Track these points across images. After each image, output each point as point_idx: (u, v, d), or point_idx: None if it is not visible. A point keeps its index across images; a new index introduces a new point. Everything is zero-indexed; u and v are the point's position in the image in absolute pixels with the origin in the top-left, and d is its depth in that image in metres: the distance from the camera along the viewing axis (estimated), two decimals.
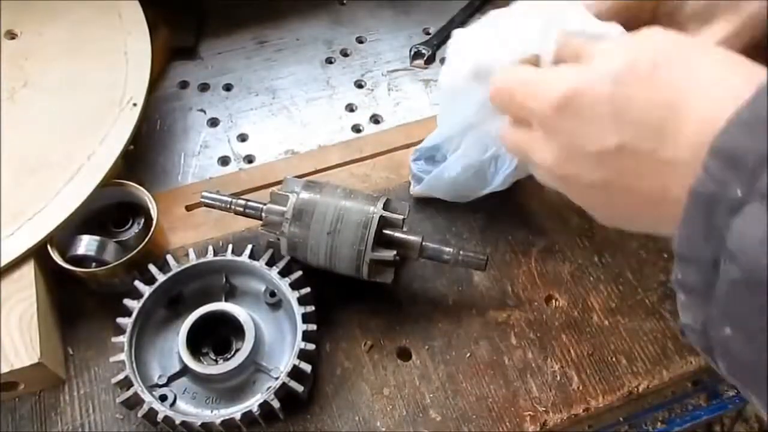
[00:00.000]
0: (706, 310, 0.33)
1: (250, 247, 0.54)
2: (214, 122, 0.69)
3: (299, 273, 0.53)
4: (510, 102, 0.42)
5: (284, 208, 0.52)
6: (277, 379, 0.49)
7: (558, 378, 0.53)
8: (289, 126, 0.69)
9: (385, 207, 0.52)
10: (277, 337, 0.53)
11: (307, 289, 0.52)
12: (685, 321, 0.35)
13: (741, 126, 0.30)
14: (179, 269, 0.53)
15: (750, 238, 0.29)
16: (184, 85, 0.72)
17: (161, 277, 0.52)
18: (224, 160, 0.66)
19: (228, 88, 0.72)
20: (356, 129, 0.69)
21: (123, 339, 0.50)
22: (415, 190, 0.62)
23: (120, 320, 0.51)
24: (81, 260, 0.53)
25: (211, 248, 0.54)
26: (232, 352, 0.52)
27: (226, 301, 0.53)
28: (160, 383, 0.50)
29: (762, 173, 0.28)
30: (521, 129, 0.43)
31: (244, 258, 0.54)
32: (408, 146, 0.67)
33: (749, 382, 0.34)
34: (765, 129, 0.29)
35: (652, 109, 0.34)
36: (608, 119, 0.36)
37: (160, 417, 0.47)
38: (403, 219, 0.53)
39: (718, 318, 0.33)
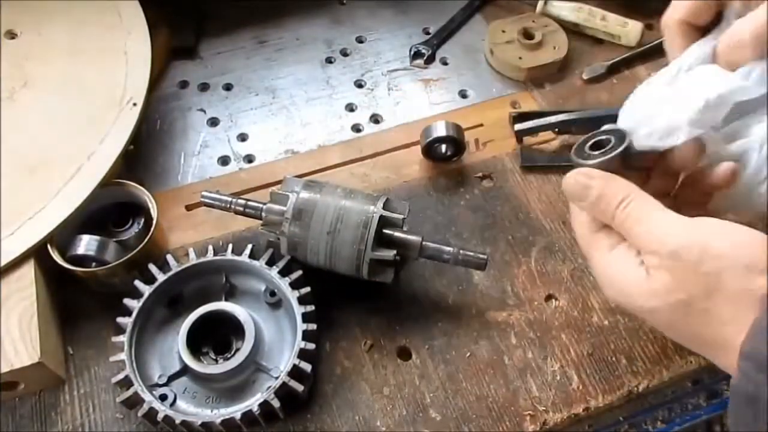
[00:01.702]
0: None
1: (250, 246, 0.54)
2: (214, 122, 0.69)
3: (299, 273, 0.53)
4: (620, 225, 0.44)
5: (284, 208, 0.52)
6: (277, 378, 0.49)
7: (558, 377, 0.53)
8: (289, 126, 0.69)
9: (385, 207, 0.52)
10: (277, 337, 0.53)
11: (307, 289, 0.52)
12: None
13: (759, 334, 0.36)
14: (179, 269, 0.53)
15: None
16: (184, 85, 0.72)
17: (161, 277, 0.52)
18: (224, 160, 0.66)
19: (228, 87, 0.72)
20: (356, 129, 0.69)
21: (123, 339, 0.50)
22: None
23: (120, 320, 0.51)
24: (81, 260, 0.53)
25: (211, 248, 0.54)
26: (232, 352, 0.52)
27: (226, 300, 0.53)
28: (160, 383, 0.50)
29: None
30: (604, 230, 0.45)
31: (244, 258, 0.54)
32: (408, 146, 0.67)
33: None
34: None
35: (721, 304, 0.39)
36: (703, 285, 0.39)
37: (160, 416, 0.47)
38: (403, 219, 0.53)
39: None
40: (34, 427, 0.51)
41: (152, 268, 0.53)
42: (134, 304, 0.51)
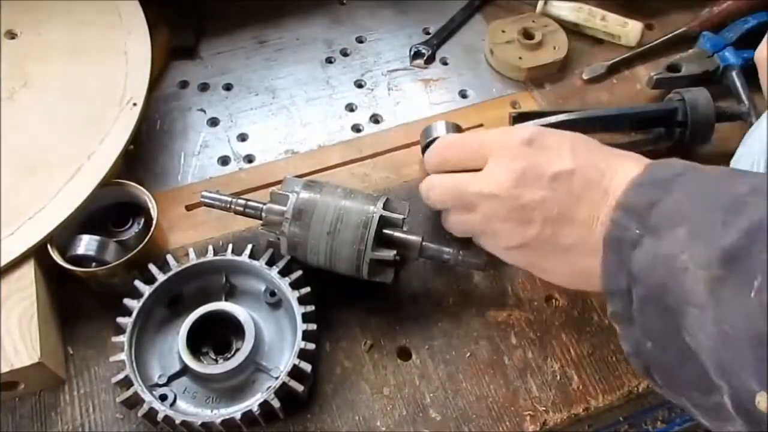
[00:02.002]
0: (633, 333, 0.41)
1: (250, 246, 0.54)
2: (214, 122, 0.69)
3: (299, 273, 0.53)
4: (463, 147, 0.53)
5: (284, 208, 0.52)
6: (277, 378, 0.49)
7: (558, 377, 0.53)
8: (289, 126, 0.69)
9: (385, 207, 0.52)
10: (277, 337, 0.53)
11: (307, 289, 0.52)
12: (626, 349, 0.42)
13: (635, 188, 0.42)
14: (179, 269, 0.53)
15: (644, 262, 0.39)
16: (183, 84, 0.72)
17: (161, 277, 0.52)
18: (224, 160, 0.66)
19: (228, 87, 0.72)
20: (356, 129, 0.69)
21: (123, 339, 0.50)
22: None
23: (120, 320, 0.51)
24: (81, 260, 0.53)
25: (211, 248, 0.54)
26: (232, 352, 0.52)
27: (226, 300, 0.53)
28: (160, 383, 0.50)
29: (650, 216, 0.39)
30: (464, 213, 0.51)
31: (244, 258, 0.54)
32: (408, 146, 0.67)
33: (676, 388, 0.41)
34: (650, 189, 0.41)
35: (597, 156, 0.46)
36: (566, 150, 0.47)
37: (160, 417, 0.47)
38: (403, 219, 0.53)
39: (640, 336, 0.40)
40: (34, 427, 0.51)
41: (152, 268, 0.53)
42: (134, 304, 0.51)
